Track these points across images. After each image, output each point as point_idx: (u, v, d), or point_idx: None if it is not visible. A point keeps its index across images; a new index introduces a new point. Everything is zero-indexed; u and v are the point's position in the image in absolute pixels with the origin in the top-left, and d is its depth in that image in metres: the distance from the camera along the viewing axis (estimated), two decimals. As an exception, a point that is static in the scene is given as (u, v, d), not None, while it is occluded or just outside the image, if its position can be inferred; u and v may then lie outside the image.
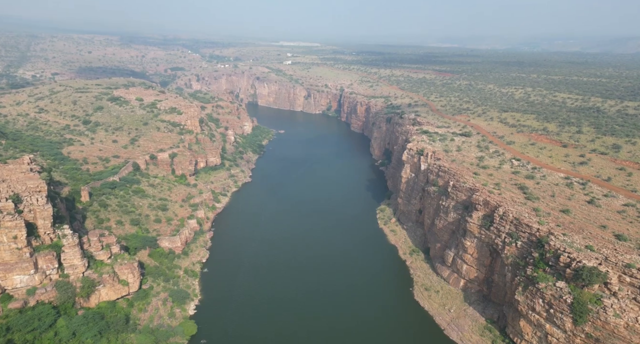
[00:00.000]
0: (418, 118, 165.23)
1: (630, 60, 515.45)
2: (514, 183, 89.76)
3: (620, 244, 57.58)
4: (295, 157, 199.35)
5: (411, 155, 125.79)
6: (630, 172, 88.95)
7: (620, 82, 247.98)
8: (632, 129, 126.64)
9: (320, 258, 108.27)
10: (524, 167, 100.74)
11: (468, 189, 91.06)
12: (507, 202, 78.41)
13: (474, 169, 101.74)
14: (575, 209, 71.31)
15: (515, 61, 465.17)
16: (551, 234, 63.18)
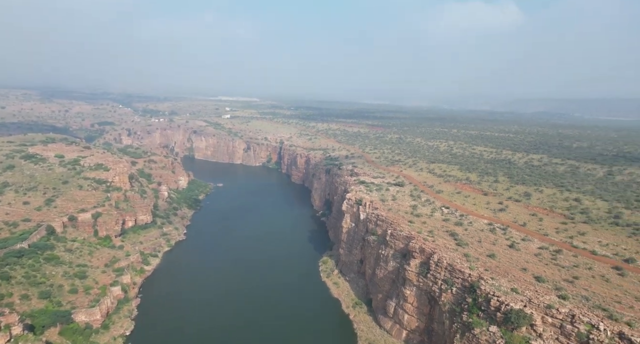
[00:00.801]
0: (355, 169, 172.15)
1: (530, 118, 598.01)
2: (445, 230, 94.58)
3: (540, 286, 62.05)
4: (235, 210, 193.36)
5: (350, 205, 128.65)
6: (541, 218, 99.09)
7: (525, 137, 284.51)
8: (538, 178, 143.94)
9: (263, 320, 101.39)
10: (453, 215, 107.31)
11: (405, 237, 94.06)
12: (440, 249, 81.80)
13: (409, 217, 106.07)
14: (499, 253, 76.47)
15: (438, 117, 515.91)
16: (481, 279, 66.45)
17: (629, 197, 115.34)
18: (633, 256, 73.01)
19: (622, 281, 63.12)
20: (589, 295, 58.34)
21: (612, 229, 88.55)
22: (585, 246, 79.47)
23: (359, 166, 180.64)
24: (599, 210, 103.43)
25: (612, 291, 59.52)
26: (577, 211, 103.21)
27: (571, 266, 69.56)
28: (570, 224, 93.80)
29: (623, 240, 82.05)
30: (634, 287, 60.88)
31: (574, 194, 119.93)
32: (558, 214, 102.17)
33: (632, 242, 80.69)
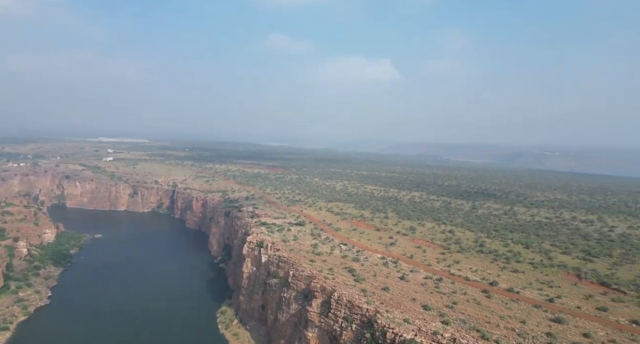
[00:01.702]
0: (256, 210, 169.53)
1: (411, 160, 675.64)
2: (344, 267, 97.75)
3: (427, 314, 67.84)
4: (116, 264, 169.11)
5: (251, 248, 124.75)
6: (425, 249, 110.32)
7: (407, 177, 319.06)
8: (420, 213, 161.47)
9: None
10: (350, 251, 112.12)
11: (306, 277, 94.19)
12: (340, 286, 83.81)
13: (310, 256, 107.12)
14: (392, 285, 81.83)
15: (333, 159, 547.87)
16: (378, 313, 69.71)
17: (489, 227, 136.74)
18: (496, 279, 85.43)
19: (490, 302, 72.93)
20: (465, 318, 65.68)
21: (478, 256, 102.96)
22: (460, 273, 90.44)
23: (260, 207, 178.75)
24: (468, 240, 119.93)
25: (482, 313, 68.10)
26: (452, 241, 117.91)
27: (450, 292, 77.97)
28: (448, 253, 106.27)
29: (487, 265, 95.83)
30: (498, 307, 70.71)
31: (449, 226, 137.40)
32: (437, 245, 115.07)
33: (494, 267, 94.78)
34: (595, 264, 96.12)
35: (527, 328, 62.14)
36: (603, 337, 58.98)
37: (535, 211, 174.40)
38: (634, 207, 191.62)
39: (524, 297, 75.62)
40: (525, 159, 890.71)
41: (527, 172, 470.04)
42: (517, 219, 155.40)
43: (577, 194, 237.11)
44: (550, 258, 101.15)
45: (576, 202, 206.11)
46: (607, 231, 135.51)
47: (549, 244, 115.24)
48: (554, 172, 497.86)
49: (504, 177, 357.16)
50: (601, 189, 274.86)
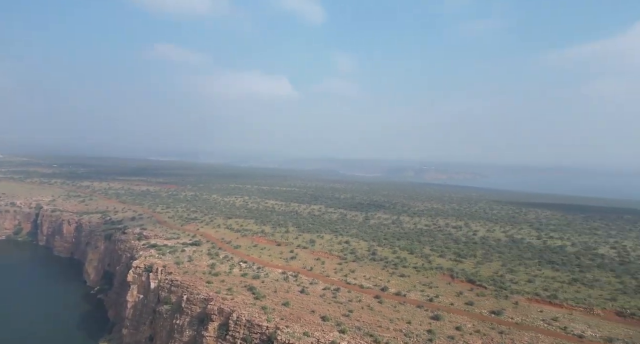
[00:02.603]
0: (145, 232, 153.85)
1: (309, 174, 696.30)
2: (244, 285, 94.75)
3: (325, 325, 69.88)
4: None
5: (138, 273, 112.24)
6: (324, 261, 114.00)
7: (307, 190, 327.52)
8: (319, 226, 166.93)
9: None
10: (250, 269, 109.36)
11: (202, 300, 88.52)
12: (239, 306, 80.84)
13: (207, 277, 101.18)
14: (292, 300, 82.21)
15: (233, 174, 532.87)
16: (278, 329, 69.11)
17: (380, 236, 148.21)
18: (386, 285, 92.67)
19: (381, 307, 78.62)
20: (360, 325, 69.53)
21: (371, 264, 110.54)
22: (356, 281, 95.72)
23: (149, 227, 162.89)
24: (362, 249, 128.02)
25: (375, 318, 72.98)
26: (348, 252, 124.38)
27: (347, 301, 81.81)
28: (344, 264, 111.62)
29: (379, 272, 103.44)
30: (388, 311, 76.65)
31: (345, 237, 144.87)
32: (335, 256, 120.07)
33: (385, 273, 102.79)
34: (464, 264, 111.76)
35: (412, 328, 68.62)
36: (471, 329, 68.41)
37: (417, 219, 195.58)
38: (490, 213, 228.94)
39: (410, 299, 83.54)
40: (408, 173, 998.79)
41: (410, 185, 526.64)
42: (402, 227, 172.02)
43: (449, 204, 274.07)
44: (430, 261, 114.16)
45: (448, 210, 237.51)
46: (471, 234, 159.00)
47: (429, 249, 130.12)
48: (431, 185, 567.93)
49: (391, 190, 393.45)
50: (466, 198, 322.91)
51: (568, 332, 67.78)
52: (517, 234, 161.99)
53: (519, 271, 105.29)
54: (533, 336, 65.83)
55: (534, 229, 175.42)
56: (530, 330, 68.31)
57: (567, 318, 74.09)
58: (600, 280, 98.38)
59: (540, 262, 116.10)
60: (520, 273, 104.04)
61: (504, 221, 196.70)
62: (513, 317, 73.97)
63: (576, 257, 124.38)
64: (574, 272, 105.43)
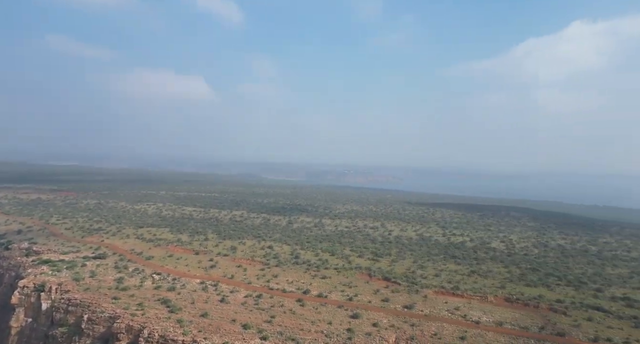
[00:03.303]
0: (35, 246, 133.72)
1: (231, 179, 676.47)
2: (157, 299, 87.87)
3: (247, 333, 68.19)
4: None
5: (26, 294, 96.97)
6: (246, 268, 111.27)
7: (228, 196, 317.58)
8: (241, 232, 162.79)
9: None
10: (165, 280, 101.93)
11: (107, 319, 79.83)
12: (152, 322, 74.75)
13: (113, 293, 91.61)
14: (211, 310, 78.63)
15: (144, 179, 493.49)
16: (195, 342, 65.45)
17: (303, 240, 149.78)
18: (308, 287, 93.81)
19: (303, 310, 79.32)
20: (282, 330, 69.24)
21: (294, 268, 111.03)
22: (278, 286, 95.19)
23: (41, 241, 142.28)
24: (285, 253, 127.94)
25: (297, 321, 73.34)
26: (271, 257, 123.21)
27: (269, 307, 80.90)
28: (267, 269, 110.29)
29: (302, 276, 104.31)
30: (310, 313, 77.66)
31: (268, 242, 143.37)
32: (258, 262, 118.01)
33: (307, 276, 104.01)
34: (381, 263, 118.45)
35: (333, 328, 70.47)
36: (386, 324, 72.63)
37: (338, 221, 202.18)
38: (403, 214, 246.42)
39: (331, 300, 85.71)
40: (330, 177, 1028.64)
41: (332, 188, 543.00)
42: (324, 230, 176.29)
43: (367, 205, 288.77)
44: (350, 261, 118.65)
45: (366, 212, 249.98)
46: (387, 234, 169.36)
47: (349, 249, 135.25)
48: (351, 188, 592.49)
49: (314, 193, 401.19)
50: (382, 200, 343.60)
51: (467, 319, 75.83)
52: (426, 233, 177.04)
53: (428, 267, 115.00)
54: (439, 326, 72.27)
55: (440, 228, 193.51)
56: (437, 320, 74.89)
57: (467, 306, 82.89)
58: (493, 271, 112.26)
59: (445, 257, 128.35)
60: (429, 268, 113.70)
61: (415, 221, 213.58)
62: (423, 309, 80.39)
63: (474, 251, 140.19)
64: (472, 265, 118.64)
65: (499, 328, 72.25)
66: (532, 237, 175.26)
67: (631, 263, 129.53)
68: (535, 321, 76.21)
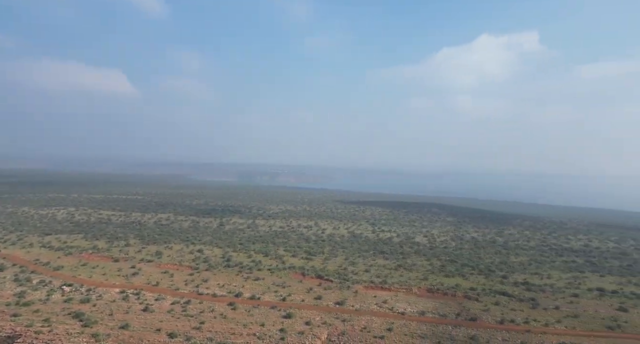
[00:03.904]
0: None
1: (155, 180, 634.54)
2: (67, 313, 79.01)
3: (173, 341, 64.38)
4: None
5: None
6: (172, 274, 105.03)
7: (152, 198, 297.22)
8: (168, 236, 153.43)
9: None
10: (77, 292, 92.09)
11: (5, 339, 69.68)
12: (61, 338, 67.03)
13: (12, 310, 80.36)
14: (133, 320, 72.85)
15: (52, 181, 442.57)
16: (115, 358, 60.04)
17: (235, 242, 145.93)
18: (240, 290, 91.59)
19: (235, 313, 77.22)
20: (212, 335, 66.64)
21: (226, 271, 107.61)
22: (208, 291, 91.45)
23: None
24: (216, 256, 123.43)
25: (228, 325, 71.16)
26: (200, 261, 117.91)
27: (198, 313, 77.33)
28: (196, 274, 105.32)
29: (234, 278, 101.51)
30: (242, 316, 75.88)
31: (198, 246, 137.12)
32: (186, 267, 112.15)
33: (239, 279, 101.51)
34: (314, 261, 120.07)
35: (266, 329, 69.68)
36: (319, 321, 73.78)
37: (272, 222, 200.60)
38: (335, 212, 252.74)
39: (264, 301, 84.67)
40: (263, 177, 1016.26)
41: (266, 189, 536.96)
42: (258, 231, 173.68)
43: (301, 205, 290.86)
44: (283, 262, 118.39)
45: (300, 211, 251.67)
46: (320, 233, 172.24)
47: (283, 249, 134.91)
48: (285, 188, 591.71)
49: (247, 194, 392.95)
50: (315, 200, 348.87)
51: (394, 311, 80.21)
52: (357, 230, 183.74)
53: (358, 263, 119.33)
54: (368, 319, 75.37)
55: (370, 225, 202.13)
56: (366, 314, 78.02)
57: (394, 299, 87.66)
58: (417, 264, 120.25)
59: (375, 253, 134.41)
60: (359, 264, 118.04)
61: (347, 219, 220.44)
62: (353, 305, 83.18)
63: (400, 246, 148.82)
64: (399, 259, 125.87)
65: (422, 317, 77.58)
66: (451, 232, 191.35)
67: (529, 252, 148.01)
68: (453, 308, 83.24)
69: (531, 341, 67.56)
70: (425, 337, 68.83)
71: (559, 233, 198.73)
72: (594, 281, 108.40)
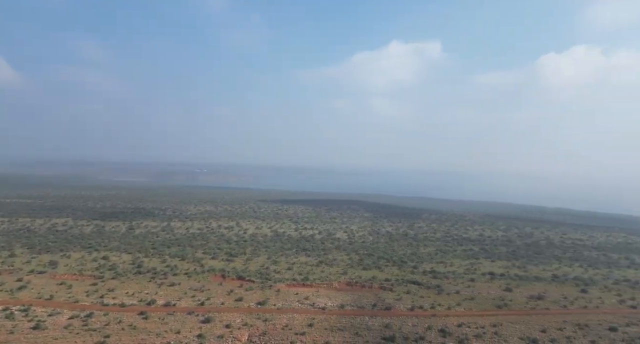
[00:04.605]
0: None
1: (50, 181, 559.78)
2: None
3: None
4: None
5: None
6: (71, 285, 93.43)
7: (45, 201, 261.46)
8: (65, 243, 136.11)
9: None
10: (-57, 316, 76.74)
11: None
12: None
13: None
14: (20, 341, 63.17)
15: None
16: (-6, 388, 51.36)
17: (147, 246, 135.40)
18: (154, 297, 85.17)
19: (147, 323, 71.51)
20: (120, 349, 60.89)
21: (136, 279, 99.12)
22: (115, 301, 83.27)
23: None
24: (124, 263, 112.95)
25: (139, 336, 65.66)
26: (105, 269, 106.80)
27: (102, 326, 69.93)
28: (101, 283, 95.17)
29: (145, 286, 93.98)
30: (155, 325, 70.63)
31: (102, 252, 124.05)
32: (88, 277, 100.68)
33: (152, 285, 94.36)
34: (235, 262, 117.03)
35: (182, 336, 65.87)
36: (239, 323, 72.11)
37: (189, 223, 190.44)
38: (258, 212, 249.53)
39: (180, 307, 79.91)
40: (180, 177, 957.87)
41: (183, 189, 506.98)
42: (174, 233, 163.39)
43: (222, 205, 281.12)
44: (202, 265, 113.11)
45: (221, 212, 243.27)
46: (242, 233, 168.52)
47: (202, 252, 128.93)
48: (205, 188, 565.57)
49: (161, 195, 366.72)
50: (238, 199, 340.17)
51: (315, 307, 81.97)
52: (280, 229, 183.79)
53: (281, 262, 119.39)
54: (290, 317, 75.86)
55: (293, 223, 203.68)
56: (288, 312, 78.44)
57: (315, 295, 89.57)
58: (337, 259, 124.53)
59: (297, 250, 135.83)
60: (282, 263, 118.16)
61: (270, 218, 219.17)
62: (275, 303, 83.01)
63: (322, 242, 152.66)
64: (320, 255, 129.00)
65: (342, 311, 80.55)
66: (368, 227, 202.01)
67: (436, 243, 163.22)
68: (370, 299, 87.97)
69: (436, 324, 74.49)
70: (344, 329, 71.54)
71: (459, 225, 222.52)
72: (487, 266, 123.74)
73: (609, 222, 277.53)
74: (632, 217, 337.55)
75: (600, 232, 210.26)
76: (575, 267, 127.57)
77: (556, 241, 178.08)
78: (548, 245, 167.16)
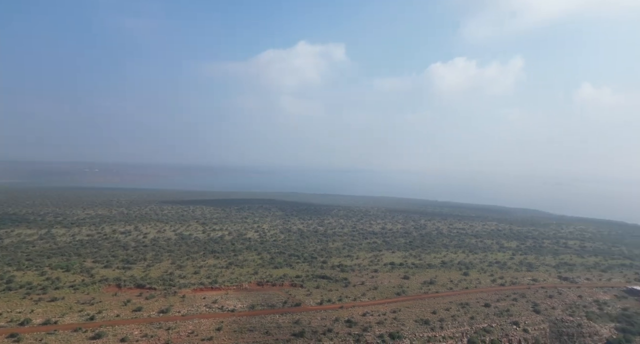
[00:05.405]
0: None
1: None
2: None
3: None
4: None
5: None
6: None
7: None
8: None
9: None
10: None
11: None
12: None
13: None
14: None
15: None
16: None
17: (20, 258, 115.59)
18: (29, 316, 72.88)
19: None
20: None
21: (5, 296, 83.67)
22: (-25, 326, 69.02)
23: None
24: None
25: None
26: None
27: (-43, 358, 57.48)
28: (-47, 307, 77.92)
29: (18, 303, 79.91)
30: (31, 348, 60.53)
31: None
32: None
33: (27, 302, 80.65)
34: (133, 270, 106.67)
35: (67, 358, 57.65)
36: (138, 335, 65.97)
37: (76, 230, 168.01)
38: (161, 214, 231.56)
39: (63, 325, 69.80)
40: (66, 177, 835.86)
41: (69, 191, 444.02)
42: (56, 242, 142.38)
43: (117, 208, 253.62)
44: (92, 275, 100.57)
45: (116, 215, 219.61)
46: (142, 238, 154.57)
47: (91, 261, 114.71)
48: (96, 189, 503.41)
49: (39, 198, 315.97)
50: (137, 201, 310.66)
51: (224, 310, 79.29)
52: (186, 231, 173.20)
53: (187, 266, 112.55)
54: (196, 323, 72.09)
55: (200, 224, 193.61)
56: (194, 318, 74.38)
57: (224, 298, 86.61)
58: (248, 259, 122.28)
59: (205, 253, 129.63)
60: (188, 267, 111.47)
61: (174, 220, 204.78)
62: (180, 310, 77.98)
63: (232, 243, 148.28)
64: (230, 257, 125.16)
65: (252, 311, 79.33)
66: (280, 225, 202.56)
67: (344, 237, 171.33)
68: (280, 297, 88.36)
69: (343, 316, 78.25)
70: (254, 330, 70.59)
71: (364, 219, 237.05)
72: (388, 257, 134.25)
73: (484, 213, 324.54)
74: (503, 208, 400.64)
75: (478, 222, 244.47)
76: (459, 253, 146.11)
77: (444, 231, 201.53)
78: (438, 235, 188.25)
